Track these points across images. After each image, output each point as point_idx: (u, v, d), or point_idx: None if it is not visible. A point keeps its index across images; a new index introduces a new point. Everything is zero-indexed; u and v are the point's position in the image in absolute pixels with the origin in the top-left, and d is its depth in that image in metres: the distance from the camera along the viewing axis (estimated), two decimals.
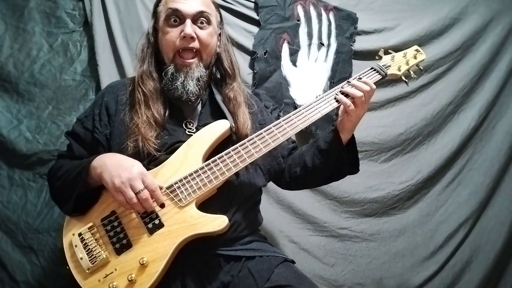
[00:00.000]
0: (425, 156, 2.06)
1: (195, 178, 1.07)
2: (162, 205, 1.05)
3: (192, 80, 1.17)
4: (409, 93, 2.05)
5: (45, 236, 1.56)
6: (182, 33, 1.14)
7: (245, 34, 1.81)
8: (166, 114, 1.17)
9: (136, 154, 1.09)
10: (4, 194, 1.56)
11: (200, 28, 1.18)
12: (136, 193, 1.00)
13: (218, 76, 1.32)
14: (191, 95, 1.17)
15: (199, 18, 1.17)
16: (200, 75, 1.19)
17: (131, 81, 1.25)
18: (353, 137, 1.25)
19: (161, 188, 1.06)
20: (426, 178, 2.04)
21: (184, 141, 1.13)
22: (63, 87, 1.64)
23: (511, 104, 2.16)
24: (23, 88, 1.60)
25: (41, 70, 1.62)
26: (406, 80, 1.31)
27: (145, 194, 1.01)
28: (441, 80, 2.10)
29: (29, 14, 1.61)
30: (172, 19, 1.15)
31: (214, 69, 1.30)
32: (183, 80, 1.16)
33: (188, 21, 1.15)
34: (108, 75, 1.63)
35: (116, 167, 1.02)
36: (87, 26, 1.66)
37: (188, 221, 1.04)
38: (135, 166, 1.03)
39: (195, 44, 1.17)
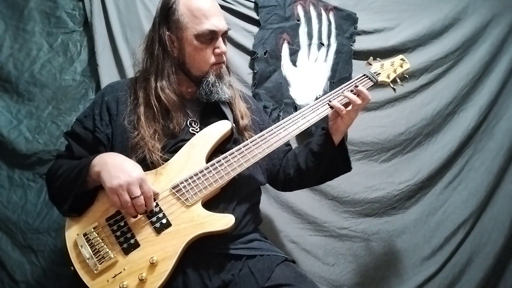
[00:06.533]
0: (425, 156, 2.05)
1: (200, 177, 1.09)
2: (151, 212, 1.06)
3: (225, 84, 1.24)
4: (409, 93, 2.04)
5: (45, 236, 1.56)
6: (219, 51, 1.20)
7: (245, 34, 1.81)
8: (185, 123, 1.20)
9: (140, 160, 1.10)
10: (4, 194, 1.56)
11: (224, 41, 1.23)
12: (132, 198, 1.00)
13: None
14: (228, 97, 1.25)
15: (224, 33, 1.23)
16: (228, 79, 1.27)
17: (130, 82, 1.26)
18: (343, 137, 1.30)
19: (156, 194, 1.07)
20: (426, 178, 2.03)
21: (186, 140, 1.16)
22: (63, 87, 1.64)
23: (511, 104, 2.16)
24: (23, 88, 1.60)
25: (41, 70, 1.62)
26: (394, 87, 1.41)
27: (141, 200, 1.01)
28: (441, 80, 2.10)
29: (29, 14, 1.61)
30: (208, 38, 1.19)
31: None
32: (222, 86, 1.22)
33: (221, 39, 1.21)
34: (108, 75, 1.63)
35: (116, 169, 1.02)
36: (87, 26, 1.66)
37: (195, 220, 1.05)
38: (136, 171, 1.03)
39: (225, 58, 1.26)
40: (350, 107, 1.23)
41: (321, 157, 1.28)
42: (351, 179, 1.90)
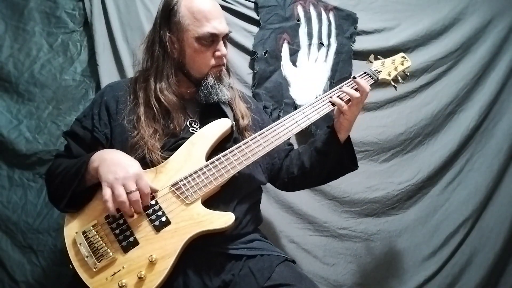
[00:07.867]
0: (425, 156, 2.05)
1: (200, 175, 1.09)
2: (147, 207, 1.04)
3: (224, 86, 1.24)
4: (409, 93, 2.04)
5: (45, 236, 1.56)
6: (219, 53, 1.20)
7: (245, 34, 1.81)
8: (185, 123, 1.20)
9: (140, 160, 1.09)
10: (4, 194, 1.56)
11: (224, 43, 1.23)
12: (127, 193, 1.00)
13: None
14: (227, 98, 1.25)
15: (225, 36, 1.23)
16: (228, 81, 1.27)
17: (130, 82, 1.26)
18: (348, 136, 1.30)
19: (155, 191, 1.07)
20: (426, 178, 2.03)
21: (186, 139, 1.15)
22: (63, 87, 1.64)
23: (511, 104, 2.16)
24: (23, 88, 1.60)
25: (41, 70, 1.62)
26: (395, 85, 1.40)
27: (136, 195, 1.00)
28: (441, 80, 2.10)
29: (29, 14, 1.61)
30: (209, 40, 1.18)
31: None
32: (221, 88, 1.22)
33: (221, 42, 1.20)
34: (108, 75, 1.63)
35: (114, 164, 1.02)
36: (87, 26, 1.66)
37: (195, 218, 1.05)
38: (133, 167, 1.03)
39: (225, 60, 1.25)
40: (350, 102, 1.22)
41: (326, 154, 1.28)
42: (351, 179, 1.89)
